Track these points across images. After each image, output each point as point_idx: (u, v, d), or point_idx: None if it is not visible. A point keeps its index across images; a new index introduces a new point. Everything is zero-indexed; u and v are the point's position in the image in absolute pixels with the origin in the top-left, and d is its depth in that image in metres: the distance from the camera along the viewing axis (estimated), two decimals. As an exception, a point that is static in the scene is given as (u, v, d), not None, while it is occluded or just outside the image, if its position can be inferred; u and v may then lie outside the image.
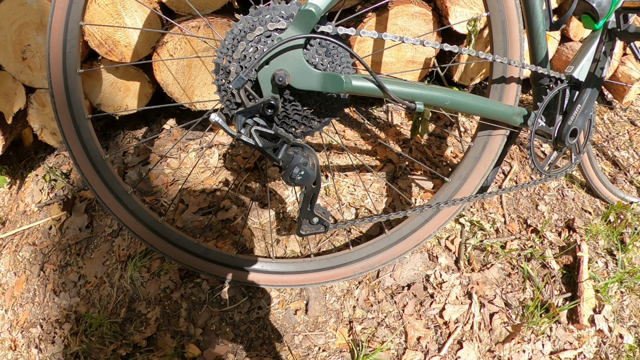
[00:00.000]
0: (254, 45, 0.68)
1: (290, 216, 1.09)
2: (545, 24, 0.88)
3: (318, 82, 0.66)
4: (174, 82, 1.08)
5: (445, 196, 0.94)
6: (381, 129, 1.32)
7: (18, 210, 1.24)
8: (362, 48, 1.14)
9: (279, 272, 0.93)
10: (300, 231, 0.80)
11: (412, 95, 0.72)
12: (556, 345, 0.98)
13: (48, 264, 1.10)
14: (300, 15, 0.63)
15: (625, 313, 1.06)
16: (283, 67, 0.65)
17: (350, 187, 1.14)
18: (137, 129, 1.30)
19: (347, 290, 1.00)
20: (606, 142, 1.48)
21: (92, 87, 1.14)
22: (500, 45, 0.87)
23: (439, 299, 0.99)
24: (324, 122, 0.75)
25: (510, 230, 1.15)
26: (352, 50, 0.70)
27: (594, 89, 0.90)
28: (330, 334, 0.94)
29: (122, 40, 1.03)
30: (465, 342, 0.94)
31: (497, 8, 0.85)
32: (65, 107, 0.84)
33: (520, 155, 1.35)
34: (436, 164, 1.24)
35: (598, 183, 1.23)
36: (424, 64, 1.22)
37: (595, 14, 0.89)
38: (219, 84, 0.71)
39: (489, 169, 0.93)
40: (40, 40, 1.04)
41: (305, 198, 0.76)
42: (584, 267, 1.07)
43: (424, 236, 0.94)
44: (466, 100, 0.79)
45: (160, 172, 1.16)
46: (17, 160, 1.37)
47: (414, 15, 1.13)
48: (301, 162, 0.67)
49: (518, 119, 0.87)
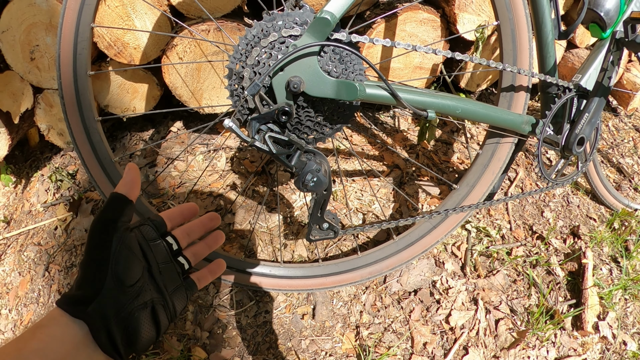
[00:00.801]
0: (268, 52, 0.68)
1: (298, 221, 1.09)
2: (554, 32, 0.88)
3: (332, 89, 0.66)
4: (182, 85, 1.09)
5: (453, 203, 0.94)
6: (388, 135, 1.33)
7: (23, 210, 1.24)
8: (371, 54, 1.15)
9: (287, 276, 0.93)
10: (310, 237, 0.80)
11: (424, 104, 0.72)
12: (560, 352, 0.98)
13: (53, 264, 1.10)
14: (316, 22, 0.64)
15: (629, 320, 1.06)
16: (298, 74, 0.65)
17: (357, 193, 1.15)
18: (144, 130, 1.29)
19: (354, 296, 1.00)
20: (611, 149, 1.49)
21: (100, 88, 1.14)
22: (510, 54, 0.87)
23: (445, 305, 1.00)
24: (336, 129, 0.75)
25: (516, 237, 1.15)
26: (365, 57, 0.71)
27: (601, 98, 0.90)
28: (337, 339, 0.94)
29: (131, 42, 1.03)
30: (471, 348, 0.94)
31: (507, 17, 0.86)
32: (75, 108, 0.84)
33: (526, 162, 1.35)
34: (443, 170, 1.25)
35: (603, 190, 1.24)
36: (431, 70, 1.22)
37: (603, 22, 0.89)
38: (231, 89, 0.71)
39: (496, 176, 0.94)
40: (49, 40, 1.04)
41: (315, 204, 0.76)
42: (588, 274, 1.08)
43: (431, 242, 0.95)
44: (477, 108, 0.79)
45: (167, 174, 1.16)
46: (23, 159, 1.37)
47: (423, 21, 1.13)
48: (314, 168, 0.67)
49: (526, 127, 0.88)
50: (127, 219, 0.44)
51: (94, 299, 0.38)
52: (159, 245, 0.46)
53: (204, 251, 0.52)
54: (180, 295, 0.46)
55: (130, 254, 0.41)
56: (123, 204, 0.44)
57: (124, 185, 0.45)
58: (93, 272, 0.39)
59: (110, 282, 0.39)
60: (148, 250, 0.44)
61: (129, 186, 0.45)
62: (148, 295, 0.42)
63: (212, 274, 0.52)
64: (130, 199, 0.45)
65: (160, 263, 0.45)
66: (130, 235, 0.43)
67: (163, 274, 0.45)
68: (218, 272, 0.53)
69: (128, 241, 0.42)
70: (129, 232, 0.43)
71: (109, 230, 0.41)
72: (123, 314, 0.39)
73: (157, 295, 0.43)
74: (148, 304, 0.42)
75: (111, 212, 0.43)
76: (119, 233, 0.41)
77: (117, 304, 0.39)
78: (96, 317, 0.37)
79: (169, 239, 0.48)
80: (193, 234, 0.51)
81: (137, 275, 0.41)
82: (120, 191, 0.45)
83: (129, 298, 0.40)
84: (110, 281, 0.39)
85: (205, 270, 0.52)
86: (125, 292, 0.40)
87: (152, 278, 0.44)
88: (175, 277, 0.46)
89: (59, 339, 0.35)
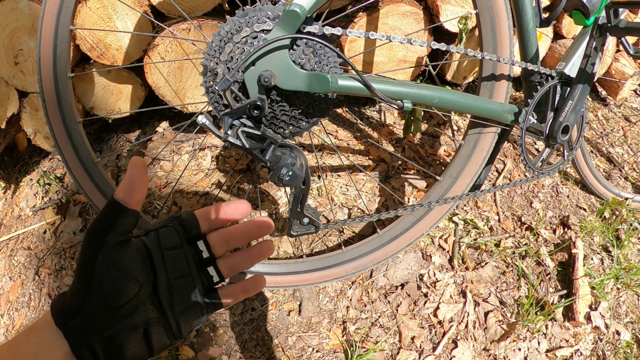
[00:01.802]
0: (241, 47, 0.68)
1: (283, 217, 1.09)
2: (535, 20, 0.88)
3: (304, 82, 0.66)
4: (165, 84, 1.09)
5: (437, 195, 0.94)
6: (374, 129, 1.32)
7: (13, 215, 1.24)
8: (353, 48, 1.14)
9: (272, 273, 0.93)
10: (291, 232, 0.80)
11: (399, 94, 0.72)
12: (552, 343, 0.97)
13: (43, 268, 1.10)
14: (285, 15, 0.63)
15: (622, 309, 1.05)
16: (269, 68, 0.65)
17: (343, 187, 1.14)
18: (131, 132, 1.30)
19: (341, 291, 0.99)
20: (600, 138, 1.47)
21: (85, 90, 1.14)
22: (489, 43, 0.87)
23: (433, 298, 0.99)
24: (313, 122, 0.75)
25: (505, 228, 1.14)
26: (340, 50, 0.70)
27: (585, 85, 0.90)
28: (324, 335, 0.94)
29: (113, 43, 1.03)
30: (460, 341, 0.94)
31: (485, 5, 0.85)
32: (57, 110, 0.84)
33: (514, 153, 1.34)
34: (429, 163, 1.24)
35: (592, 180, 1.23)
36: (415, 63, 1.22)
37: (586, 9, 0.88)
38: (207, 86, 0.71)
39: (480, 167, 0.93)
40: (33, 44, 1.04)
41: (295, 199, 0.76)
42: (579, 264, 1.07)
43: (416, 235, 0.94)
44: (455, 98, 0.79)
45: (153, 174, 1.16)
46: (12, 164, 1.37)
47: (405, 14, 1.13)
48: (289, 162, 0.67)
49: (509, 117, 0.87)
50: (122, 230, 0.37)
51: (78, 313, 0.35)
52: (178, 253, 0.39)
53: (243, 264, 0.43)
54: (191, 315, 0.39)
55: (119, 274, 0.36)
56: (116, 212, 0.37)
57: (122, 189, 0.38)
58: (79, 286, 0.36)
59: (94, 299, 0.35)
60: (159, 261, 0.38)
61: (127, 190, 0.38)
62: (142, 316, 0.37)
63: (244, 293, 0.43)
64: (128, 207, 0.37)
65: (174, 277, 0.39)
66: (124, 251, 0.37)
67: (174, 290, 0.38)
68: (252, 290, 0.43)
69: (119, 258, 0.36)
70: (123, 247, 0.37)
71: (95, 245, 0.36)
72: (108, 333, 0.35)
73: (157, 315, 0.38)
74: (140, 326, 0.36)
75: (101, 223, 0.37)
76: (107, 248, 0.36)
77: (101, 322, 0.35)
78: (77, 332, 0.34)
79: (200, 244, 0.41)
80: (233, 241, 0.42)
81: (127, 296, 0.36)
82: (118, 196, 0.38)
83: (115, 318, 0.35)
84: (93, 299, 0.35)
85: (238, 287, 0.43)
86: (111, 312, 0.35)
87: (155, 295, 0.38)
88: (189, 294, 0.39)
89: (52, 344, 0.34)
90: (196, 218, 0.41)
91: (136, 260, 0.37)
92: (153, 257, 0.38)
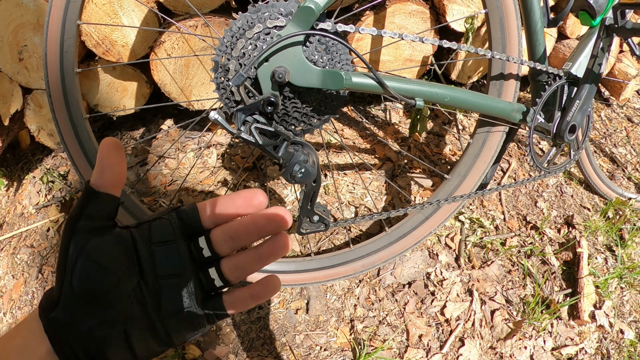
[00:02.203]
0: (253, 43, 0.67)
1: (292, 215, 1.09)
2: (543, 20, 0.88)
3: (318, 78, 0.66)
4: (171, 81, 1.08)
5: (445, 193, 0.94)
6: (380, 128, 1.32)
7: (15, 213, 1.23)
8: (360, 46, 1.14)
9: (279, 271, 0.93)
10: (301, 229, 0.80)
11: (412, 92, 0.72)
12: (557, 341, 0.98)
13: (46, 266, 1.09)
14: (300, 12, 0.63)
15: (626, 308, 1.06)
16: (282, 64, 0.65)
17: (349, 186, 1.14)
18: (135, 129, 1.29)
19: (348, 289, 0.99)
20: (604, 139, 1.48)
21: (90, 87, 1.13)
22: (498, 42, 0.87)
23: (439, 297, 0.99)
24: (324, 120, 0.75)
25: (510, 227, 1.15)
26: (350, 45, 0.70)
27: (592, 85, 0.90)
28: (331, 333, 0.93)
29: (119, 40, 1.02)
30: (467, 339, 0.94)
31: (495, 5, 0.85)
32: (63, 106, 0.83)
33: (519, 152, 1.35)
34: (435, 162, 1.24)
35: (596, 180, 1.24)
36: (421, 62, 1.22)
37: (593, 10, 0.89)
38: (217, 82, 0.71)
39: (488, 165, 0.93)
40: (37, 40, 1.03)
41: (305, 196, 0.76)
42: (583, 263, 1.07)
43: (424, 234, 0.94)
44: (466, 96, 0.79)
45: (158, 172, 1.15)
46: (15, 162, 1.36)
47: (412, 13, 1.13)
48: (301, 159, 0.67)
49: (517, 115, 0.87)
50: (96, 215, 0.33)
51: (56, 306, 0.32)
52: (169, 249, 0.34)
53: (251, 264, 0.36)
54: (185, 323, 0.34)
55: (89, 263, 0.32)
56: (87, 197, 0.33)
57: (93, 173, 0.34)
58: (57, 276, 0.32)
59: (67, 290, 0.32)
60: (145, 256, 0.34)
61: (97, 172, 0.33)
62: (121, 313, 0.33)
63: (254, 299, 0.36)
64: (98, 189, 0.33)
65: (163, 275, 0.34)
66: (100, 239, 0.33)
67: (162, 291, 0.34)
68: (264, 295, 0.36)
69: (93, 246, 0.32)
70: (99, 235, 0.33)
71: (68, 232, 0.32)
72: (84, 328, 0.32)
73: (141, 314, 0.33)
74: (118, 323, 0.33)
75: (75, 209, 0.33)
76: (80, 235, 0.32)
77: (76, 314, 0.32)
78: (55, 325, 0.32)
79: (200, 240, 0.35)
80: (239, 238, 0.35)
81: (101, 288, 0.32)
82: (91, 181, 0.34)
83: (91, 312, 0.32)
84: (66, 289, 0.32)
85: (246, 291, 0.36)
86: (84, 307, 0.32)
87: (140, 293, 0.33)
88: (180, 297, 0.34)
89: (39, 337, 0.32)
90: (197, 210, 0.35)
91: (115, 250, 0.33)
92: (139, 250, 0.34)
